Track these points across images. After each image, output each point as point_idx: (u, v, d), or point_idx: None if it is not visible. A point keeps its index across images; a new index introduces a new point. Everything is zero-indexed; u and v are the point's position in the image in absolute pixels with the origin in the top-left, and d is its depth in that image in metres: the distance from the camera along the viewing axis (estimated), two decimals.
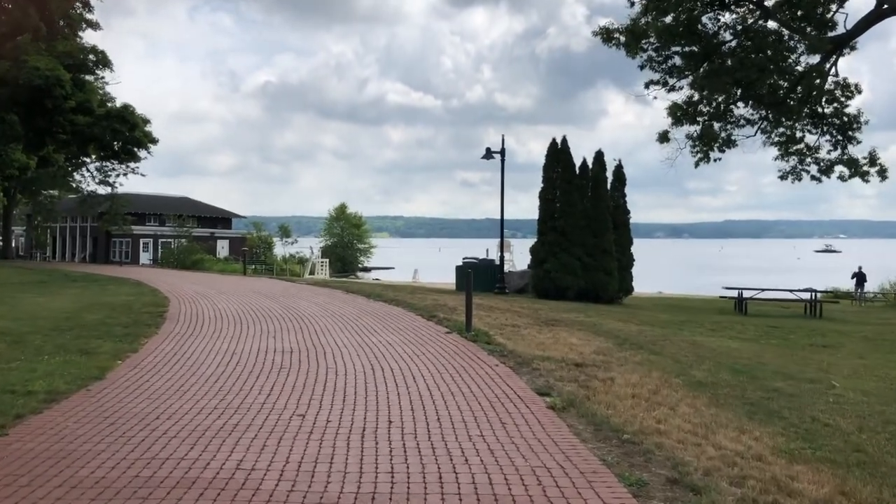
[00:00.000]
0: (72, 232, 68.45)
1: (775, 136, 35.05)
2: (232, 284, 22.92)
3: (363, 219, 77.39)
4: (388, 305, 15.76)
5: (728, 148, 33.91)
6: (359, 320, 13.01)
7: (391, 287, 23.64)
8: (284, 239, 60.17)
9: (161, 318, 12.95)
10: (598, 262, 21.13)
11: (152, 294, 18.08)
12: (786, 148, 35.35)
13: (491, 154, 22.65)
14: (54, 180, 51.75)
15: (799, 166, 35.94)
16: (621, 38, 28.91)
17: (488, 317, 14.10)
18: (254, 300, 16.97)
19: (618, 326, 13.29)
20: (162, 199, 72.19)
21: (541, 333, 11.88)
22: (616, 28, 28.33)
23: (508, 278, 23.97)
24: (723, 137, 33.54)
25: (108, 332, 10.97)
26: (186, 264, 48.63)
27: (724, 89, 30.50)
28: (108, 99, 28.02)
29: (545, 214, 21.66)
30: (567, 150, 21.89)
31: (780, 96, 31.09)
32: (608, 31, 28.40)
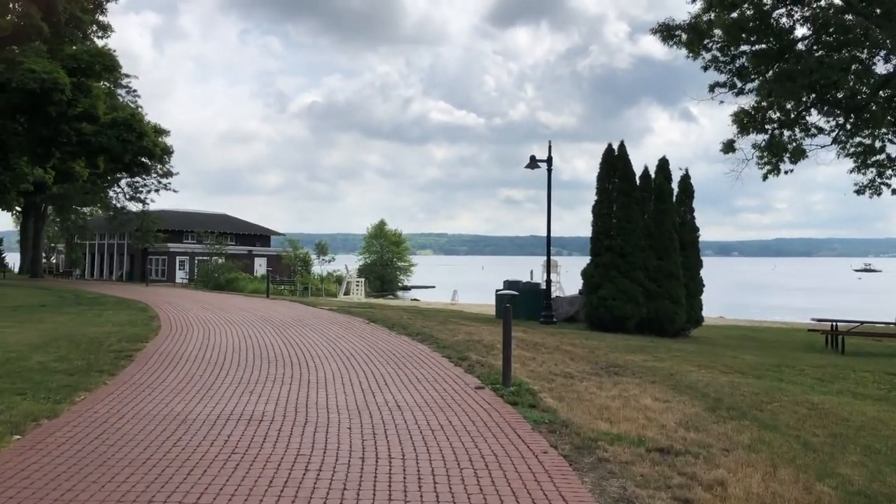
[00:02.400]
0: (109, 249, 67.51)
1: (851, 147, 31.73)
2: (246, 309, 20.52)
3: (403, 236, 75.04)
4: (412, 341, 13.08)
5: (800, 159, 30.72)
6: (370, 365, 10.34)
7: (422, 313, 20.96)
8: (321, 257, 58.05)
9: (128, 360, 10.46)
10: (663, 289, 18.13)
11: (145, 324, 15.71)
12: (864, 159, 31.92)
13: (536, 163, 19.87)
14: (87, 197, 50.57)
15: (878, 179, 32.39)
16: (682, 36, 26.01)
17: (533, 360, 11.31)
18: (257, 332, 14.46)
19: (700, 377, 10.38)
20: (200, 216, 70.97)
21: (602, 389, 9.05)
22: (677, 25, 25.42)
23: (556, 305, 21.09)
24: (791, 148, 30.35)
25: (41, 383, 8.48)
26: (220, 283, 46.82)
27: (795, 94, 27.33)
28: (130, 111, 26.12)
29: (599, 232, 18.74)
30: (625, 158, 18.96)
31: (861, 101, 27.78)
32: (668, 29, 25.47)
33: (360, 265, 66.97)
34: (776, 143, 30.05)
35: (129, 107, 28.33)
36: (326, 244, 59.08)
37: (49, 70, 19.55)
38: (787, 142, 30.32)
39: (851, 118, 30.25)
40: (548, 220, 20.50)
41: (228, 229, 69.45)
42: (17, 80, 19.30)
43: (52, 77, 19.47)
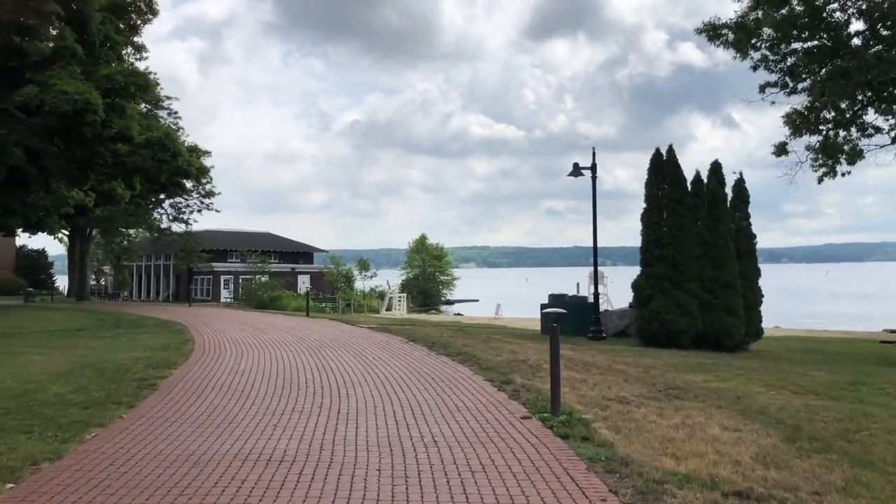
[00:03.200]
0: (155, 270, 68.08)
1: None
2: (284, 329, 19.96)
3: (444, 249, 74.30)
4: (453, 362, 12.28)
5: (857, 160, 29.21)
6: (406, 391, 9.57)
7: (464, 330, 20.17)
8: (363, 272, 57.60)
9: (151, 389, 9.86)
10: (720, 300, 17.02)
11: (177, 348, 15.19)
12: None
13: (580, 171, 18.98)
14: (131, 219, 50.98)
15: None
16: (729, 35, 24.89)
17: (583, 382, 10.42)
18: (291, 354, 13.82)
19: (771, 399, 9.39)
20: (244, 234, 71.24)
21: (663, 416, 8.14)
22: (724, 24, 24.32)
23: (605, 319, 20.09)
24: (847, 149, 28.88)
25: (52, 419, 7.89)
26: (264, 302, 46.66)
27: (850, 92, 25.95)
28: (164, 131, 25.93)
29: (650, 241, 17.69)
30: (675, 163, 17.91)
31: None
32: (714, 28, 24.39)
33: (402, 280, 66.42)
34: (831, 145, 28.62)
35: (163, 126, 28.21)
36: (368, 260, 58.57)
37: (82, 91, 19.37)
38: (843, 142, 28.88)
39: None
40: (594, 230, 19.57)
41: (272, 247, 69.57)
42: (50, 103, 19.15)
43: (85, 98, 19.27)
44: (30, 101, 19.53)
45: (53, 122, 20.11)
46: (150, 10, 25.06)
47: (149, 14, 25.07)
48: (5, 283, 66.85)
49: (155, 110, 45.83)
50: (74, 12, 20.34)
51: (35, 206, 32.48)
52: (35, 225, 36.26)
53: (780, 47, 24.78)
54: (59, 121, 19.89)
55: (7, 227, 35.32)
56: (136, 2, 23.36)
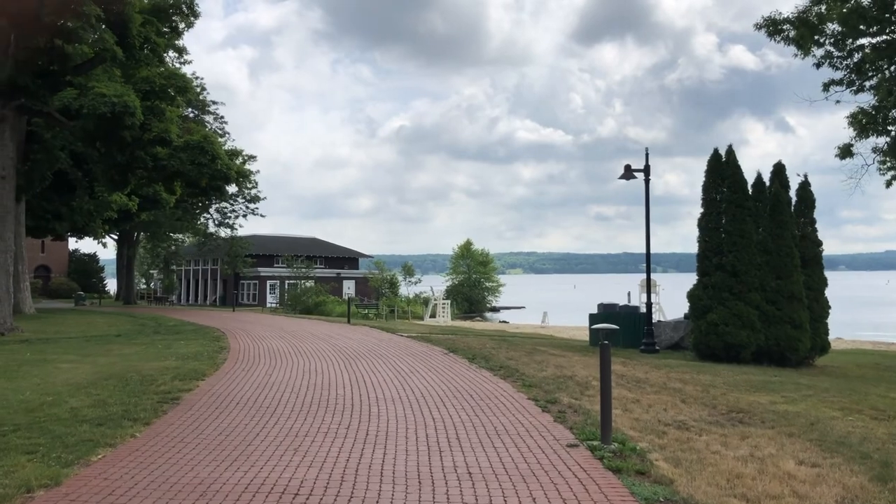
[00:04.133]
0: (203, 275, 68.69)
1: None
2: (322, 338, 19.39)
3: (490, 255, 73.35)
4: (494, 377, 11.48)
5: None
6: (442, 410, 8.80)
7: (507, 341, 19.31)
8: (407, 278, 57.14)
9: (172, 404, 9.28)
10: (784, 312, 15.83)
11: (210, 357, 14.67)
12: None
13: (632, 173, 18.00)
14: (178, 223, 51.33)
15: None
16: (790, 31, 23.61)
17: (636, 403, 9.52)
18: (325, 366, 13.17)
19: (849, 427, 8.37)
20: (290, 240, 71.53)
21: (728, 446, 7.22)
22: (785, 18, 23.07)
23: (658, 331, 19.02)
24: None
25: (61, 437, 7.34)
26: (308, 307, 46.47)
27: None
28: (203, 134, 25.72)
29: (707, 248, 16.58)
30: (735, 165, 16.77)
31: None
32: (774, 23, 23.15)
33: (446, 286, 65.76)
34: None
35: (202, 129, 28.04)
36: (412, 265, 58.12)
37: (120, 93, 19.13)
38: None
39: None
40: (647, 235, 18.56)
41: (317, 252, 69.67)
42: (88, 106, 18.93)
43: (123, 100, 19.02)
44: (69, 104, 19.34)
45: (92, 126, 19.93)
46: (192, 13, 24.83)
47: (190, 16, 24.86)
48: (59, 286, 68.26)
49: (201, 115, 46.12)
50: (115, 14, 20.14)
51: (80, 210, 32.72)
52: (80, 229, 36.57)
53: (846, 43, 23.44)
54: (98, 124, 19.68)
55: (54, 231, 35.70)
56: (177, 3, 23.14)
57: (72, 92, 19.63)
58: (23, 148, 28.85)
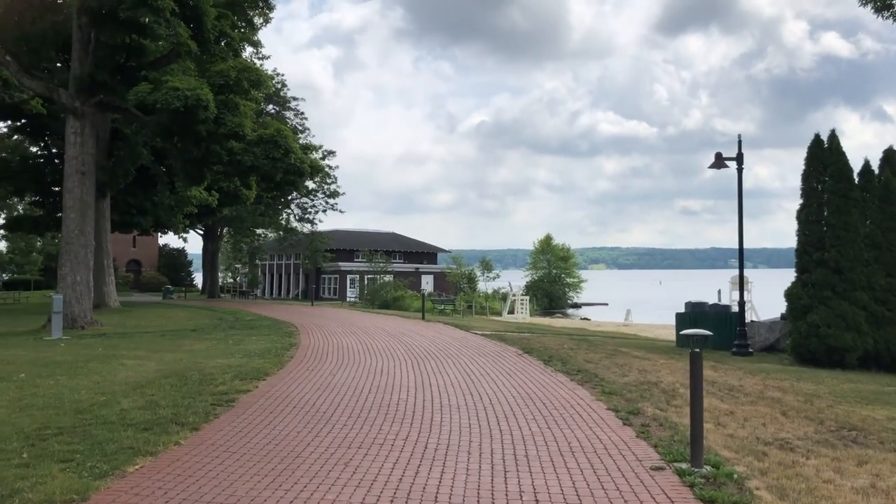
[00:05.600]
0: (286, 269, 69.73)
1: None
2: (394, 335, 18.86)
3: (571, 250, 71.76)
4: (571, 382, 10.61)
5: None
6: (510, 421, 8.01)
7: (587, 341, 18.33)
8: (486, 273, 56.37)
9: (226, 407, 8.79)
10: (895, 313, 14.35)
11: (277, 354, 14.28)
12: None
13: (723, 162, 16.72)
14: (261, 219, 52.00)
15: None
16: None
17: (730, 415, 8.50)
18: (392, 365, 12.56)
19: None
20: (369, 235, 71.88)
21: (843, 473, 6.18)
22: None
23: (751, 332, 17.66)
24: None
25: (101, 443, 6.91)
26: (387, 301, 46.35)
27: None
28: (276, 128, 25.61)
29: (807, 243, 15.15)
30: (839, 151, 15.27)
31: None
32: None
33: (526, 282, 64.65)
34: None
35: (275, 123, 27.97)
36: (490, 260, 57.29)
37: (192, 87, 19.03)
38: None
39: None
40: (739, 229, 17.21)
41: (396, 247, 69.74)
42: (162, 100, 18.91)
43: (196, 94, 18.90)
44: (144, 98, 19.39)
45: (167, 120, 19.92)
46: (267, 6, 24.74)
47: (266, 10, 24.79)
48: (150, 279, 70.57)
49: (282, 111, 46.56)
50: (190, 8, 20.08)
51: (162, 205, 33.30)
52: (163, 224, 37.28)
53: None
54: (173, 118, 19.65)
55: (139, 226, 36.51)
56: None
57: (146, 87, 19.68)
58: (107, 145, 29.53)
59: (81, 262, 21.22)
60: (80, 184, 21.00)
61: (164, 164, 31.94)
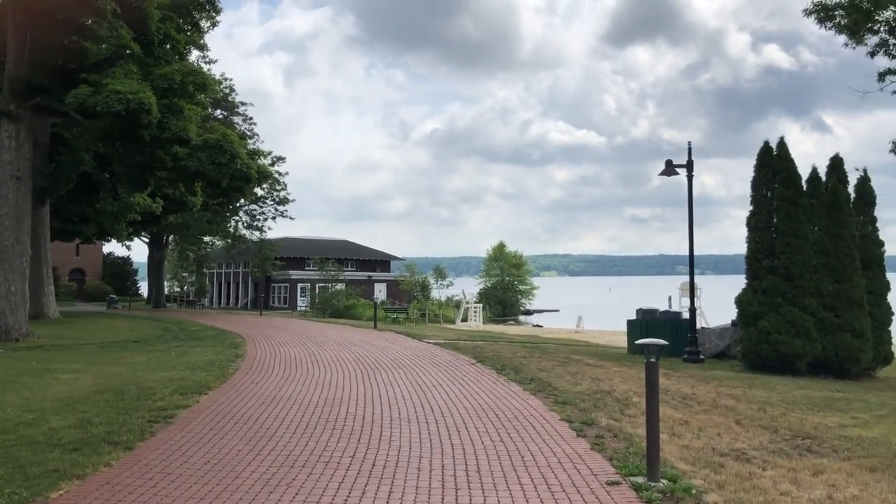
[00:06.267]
0: (234, 277, 68.43)
1: None
2: (344, 345, 18.46)
3: (523, 258, 72.01)
4: (523, 392, 10.39)
5: None
6: (462, 434, 7.74)
7: (540, 348, 18.19)
8: (439, 281, 56.12)
9: (164, 424, 8.35)
10: (843, 319, 14.45)
11: (221, 366, 13.78)
12: None
13: (674, 169, 16.77)
14: (208, 226, 50.91)
15: None
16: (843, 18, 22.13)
17: (685, 425, 8.36)
18: (341, 377, 12.19)
19: None
20: (321, 242, 71.00)
21: (800, 484, 6.05)
22: (837, 3, 21.61)
23: (703, 338, 17.73)
24: None
25: (25, 466, 6.43)
26: (339, 310, 45.78)
27: None
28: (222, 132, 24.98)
29: (758, 250, 15.22)
30: (788, 158, 15.39)
31: None
32: (826, 9, 21.67)
33: (479, 289, 64.61)
34: None
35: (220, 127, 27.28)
36: (444, 268, 57.07)
37: (135, 91, 18.38)
38: None
39: None
40: (690, 235, 17.29)
41: (349, 255, 69.01)
42: (102, 103, 18.21)
43: (138, 98, 18.26)
44: (84, 101, 18.66)
45: (109, 124, 19.22)
46: (213, 9, 24.07)
47: (212, 12, 24.10)
48: (93, 288, 68.56)
49: (230, 116, 45.68)
50: (133, 10, 19.43)
51: (105, 212, 32.24)
52: (106, 232, 36.17)
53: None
54: (114, 122, 18.96)
55: (81, 234, 35.34)
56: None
57: (86, 89, 18.94)
58: (47, 150, 28.46)
59: (17, 272, 20.33)
60: (15, 190, 20.12)
61: (108, 170, 30.91)
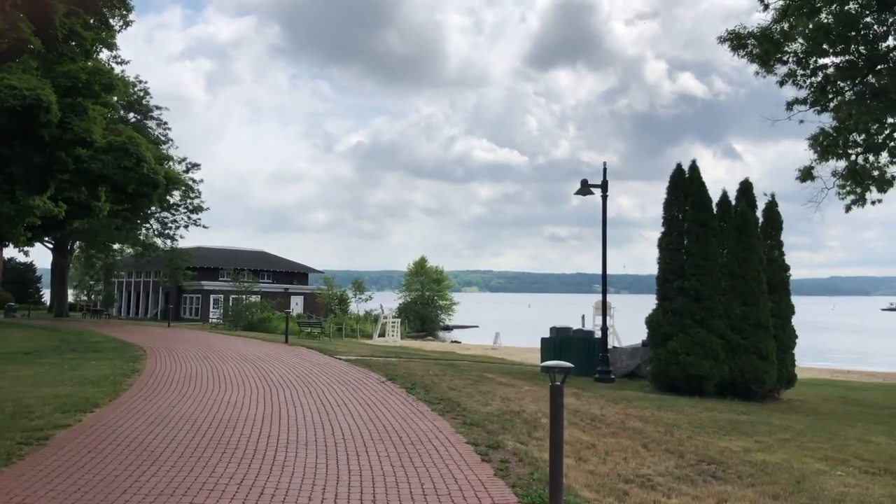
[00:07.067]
0: (144, 287, 65.96)
1: None
2: (251, 360, 17.75)
3: (444, 273, 71.92)
4: (432, 413, 10.04)
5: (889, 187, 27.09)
6: (362, 459, 7.33)
7: (454, 366, 17.91)
8: (358, 295, 55.36)
9: (36, 447, 7.64)
10: (750, 341, 14.70)
11: (115, 382, 12.95)
12: None
13: (589, 188, 16.84)
14: (117, 233, 48.86)
15: None
16: (754, 47, 22.84)
17: (592, 449, 8.17)
18: (242, 395, 11.58)
19: (841, 484, 7.11)
20: (236, 253, 69.19)
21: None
22: (750, 33, 22.29)
23: (614, 357, 17.81)
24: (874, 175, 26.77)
25: None
26: (252, 323, 44.57)
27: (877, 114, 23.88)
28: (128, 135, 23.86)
29: (668, 271, 15.37)
30: (699, 181, 15.64)
31: None
32: (739, 37, 22.35)
33: (399, 304, 64.12)
34: (860, 170, 26.59)
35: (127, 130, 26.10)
36: (363, 282, 56.34)
37: (32, 87, 17.29)
38: (871, 168, 26.85)
39: None
40: (603, 254, 17.38)
41: (265, 266, 67.47)
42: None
43: (35, 94, 17.18)
44: None
45: (4, 122, 18.03)
46: (124, 6, 23.04)
47: (122, 9, 23.04)
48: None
49: (144, 120, 44.02)
50: (34, 3, 18.34)
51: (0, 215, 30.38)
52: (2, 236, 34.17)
53: (810, 61, 22.78)
54: (10, 120, 17.79)
55: None
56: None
57: None
58: None
59: None
60: None
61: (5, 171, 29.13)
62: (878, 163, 26.75)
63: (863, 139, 26.01)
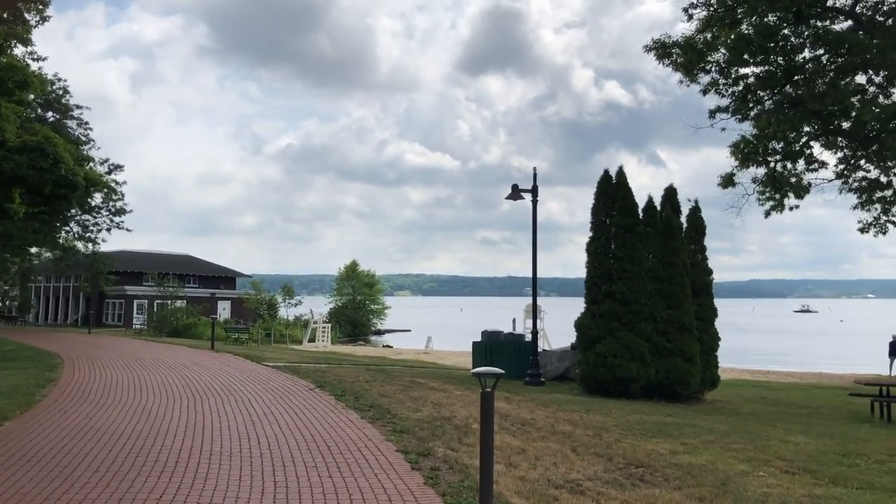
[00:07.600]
0: (64, 292, 63.54)
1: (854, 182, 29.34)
2: (175, 367, 17.23)
3: (376, 276, 71.56)
4: (361, 421, 9.89)
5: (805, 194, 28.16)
6: (289, 470, 7.14)
7: (385, 371, 17.75)
8: (287, 299, 54.52)
9: None
10: (675, 344, 15.01)
11: (28, 393, 12.35)
12: (868, 195, 29.52)
13: (519, 193, 16.95)
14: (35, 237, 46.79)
15: (883, 217, 30.07)
16: (679, 56, 23.46)
17: (522, 453, 8.17)
18: (164, 405, 11.19)
19: (763, 484, 7.27)
20: (161, 257, 67.32)
21: None
22: (674, 42, 22.88)
23: (544, 360, 17.95)
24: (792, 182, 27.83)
25: None
26: (178, 329, 43.43)
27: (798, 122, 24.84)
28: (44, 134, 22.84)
29: (596, 275, 15.58)
30: (626, 187, 15.91)
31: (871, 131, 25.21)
32: (664, 46, 22.95)
33: (329, 308, 63.50)
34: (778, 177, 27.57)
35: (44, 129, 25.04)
36: (292, 286, 55.53)
37: None
38: (789, 175, 27.87)
39: (860, 150, 27.93)
40: (534, 258, 17.51)
41: (191, 271, 65.88)
42: None
43: None
44: None
45: None
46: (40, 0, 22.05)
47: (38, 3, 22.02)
48: None
49: (63, 119, 42.30)
50: None
51: None
52: None
53: (731, 71, 23.52)
54: None
55: None
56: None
57: None
58: None
59: None
60: None
61: None
62: (796, 170, 27.86)
63: (781, 147, 27.02)
